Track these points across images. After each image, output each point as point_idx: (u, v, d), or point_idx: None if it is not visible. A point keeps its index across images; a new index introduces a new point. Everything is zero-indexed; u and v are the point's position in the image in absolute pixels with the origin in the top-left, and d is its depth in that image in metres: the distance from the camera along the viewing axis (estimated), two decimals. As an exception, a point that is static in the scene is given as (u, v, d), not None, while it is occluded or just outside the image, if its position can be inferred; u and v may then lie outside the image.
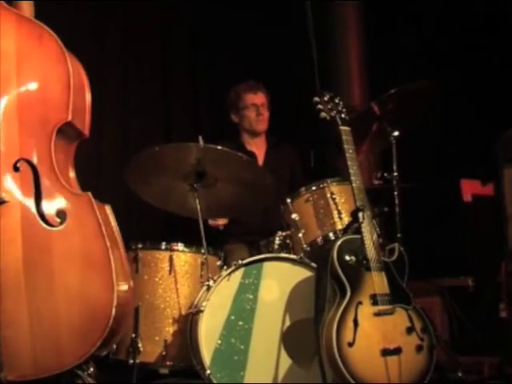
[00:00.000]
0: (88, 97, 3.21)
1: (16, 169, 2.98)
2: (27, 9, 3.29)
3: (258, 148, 4.84)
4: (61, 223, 2.95)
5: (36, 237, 2.93)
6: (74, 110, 3.06)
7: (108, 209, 3.07)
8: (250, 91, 4.78)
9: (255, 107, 4.75)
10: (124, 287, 3.00)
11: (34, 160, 3.00)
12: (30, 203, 2.95)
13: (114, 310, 2.88)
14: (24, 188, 2.96)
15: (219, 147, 3.77)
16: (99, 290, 2.90)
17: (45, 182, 2.98)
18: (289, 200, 3.97)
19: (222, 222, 4.55)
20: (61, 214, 2.96)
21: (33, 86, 3.06)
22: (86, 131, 3.21)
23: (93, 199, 3.00)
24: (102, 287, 2.90)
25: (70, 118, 3.05)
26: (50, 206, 2.96)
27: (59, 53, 3.08)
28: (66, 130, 3.10)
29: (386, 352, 3.27)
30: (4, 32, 3.06)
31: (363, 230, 3.42)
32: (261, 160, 4.78)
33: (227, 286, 3.63)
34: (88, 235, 2.95)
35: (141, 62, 5.69)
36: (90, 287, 2.90)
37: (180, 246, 4.02)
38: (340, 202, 3.88)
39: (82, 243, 2.94)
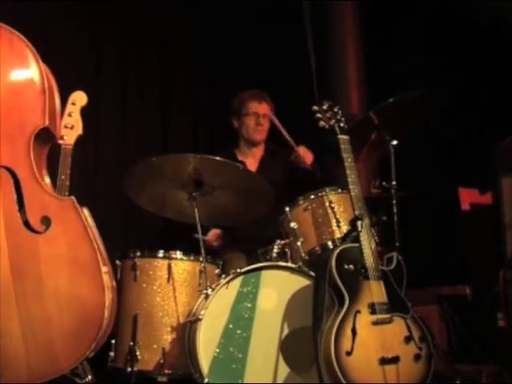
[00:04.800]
0: (58, 100, 3.18)
1: None
2: None
3: (253, 157, 4.84)
4: (46, 229, 2.94)
5: (22, 244, 2.92)
6: (50, 114, 3.03)
7: (86, 211, 3.05)
8: (254, 99, 4.79)
9: (256, 116, 4.75)
10: (111, 287, 3.00)
11: (14, 167, 2.96)
12: (13, 211, 2.93)
13: (106, 311, 2.88)
14: (6, 196, 2.94)
15: (217, 158, 3.77)
16: (90, 293, 2.90)
17: (26, 189, 2.96)
18: (287, 209, 3.97)
19: (215, 242, 4.60)
20: (45, 219, 2.95)
21: (7, 92, 3.01)
22: (58, 135, 3.20)
23: (76, 203, 2.99)
24: (92, 289, 2.90)
25: (47, 123, 3.02)
26: (34, 212, 2.94)
27: (31, 56, 3.04)
28: (42, 135, 3.06)
29: (384, 361, 3.27)
30: None
31: (361, 238, 3.42)
32: (253, 169, 4.74)
33: (225, 294, 3.63)
34: (74, 239, 2.94)
35: (139, 73, 5.72)
36: (80, 290, 2.90)
37: (178, 254, 4.01)
38: (338, 211, 3.89)
39: (68, 247, 2.93)
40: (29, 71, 3.04)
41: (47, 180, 3.15)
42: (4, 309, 2.85)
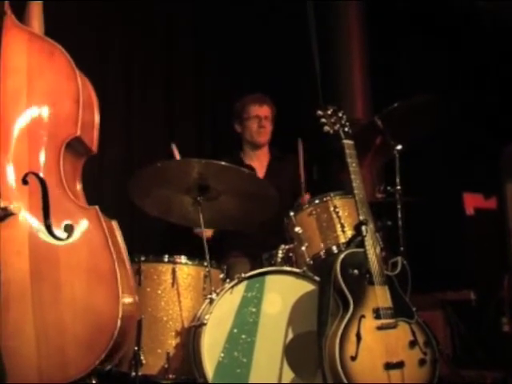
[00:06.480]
0: (97, 114, 3.26)
1: (25, 182, 2.99)
2: (36, 9, 3.35)
3: (259, 161, 4.85)
4: (68, 236, 2.96)
5: (43, 249, 2.94)
6: (83, 126, 3.09)
7: (115, 224, 3.10)
8: (255, 103, 4.80)
9: (258, 119, 4.77)
10: (129, 300, 3.01)
11: (43, 174, 3.02)
12: (39, 216, 2.97)
13: (119, 322, 2.89)
14: (32, 201, 2.98)
15: (222, 162, 3.77)
16: (105, 303, 2.91)
17: (53, 196, 3.00)
18: (292, 213, 3.97)
19: (208, 232, 4.43)
20: (68, 227, 2.98)
21: (43, 101, 3.09)
22: (94, 148, 3.25)
23: (100, 213, 3.01)
24: (107, 300, 2.92)
25: (78, 133, 3.08)
26: (58, 219, 2.97)
27: (69, 69, 3.12)
28: (75, 145, 3.13)
29: (388, 366, 3.27)
30: (16, 49, 3.11)
31: (366, 243, 3.43)
32: (261, 173, 4.77)
33: (230, 299, 3.63)
34: (95, 249, 2.97)
35: (145, 77, 5.71)
36: (96, 300, 2.92)
37: (183, 259, 4.01)
38: (343, 216, 3.88)
39: (88, 256, 2.96)
40: (65, 83, 3.12)
41: (79, 189, 3.20)
42: (19, 311, 2.87)
